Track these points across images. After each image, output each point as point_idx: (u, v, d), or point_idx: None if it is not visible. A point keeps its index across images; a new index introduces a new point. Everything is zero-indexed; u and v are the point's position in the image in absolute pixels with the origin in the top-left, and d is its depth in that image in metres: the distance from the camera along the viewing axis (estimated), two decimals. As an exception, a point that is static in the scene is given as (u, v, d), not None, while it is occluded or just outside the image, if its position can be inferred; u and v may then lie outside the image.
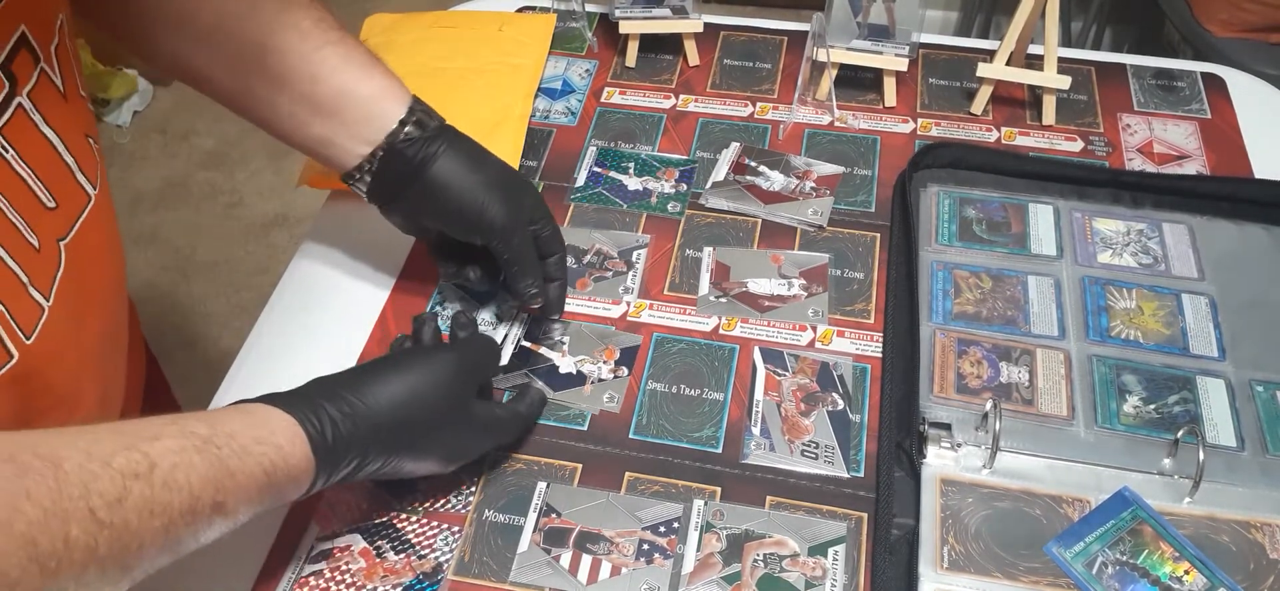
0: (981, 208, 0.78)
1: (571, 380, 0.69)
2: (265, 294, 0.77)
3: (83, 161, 0.55)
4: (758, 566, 0.58)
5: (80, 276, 0.55)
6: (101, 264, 0.59)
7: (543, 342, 0.71)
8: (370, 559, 0.59)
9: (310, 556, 0.60)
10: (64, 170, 0.54)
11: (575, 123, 0.89)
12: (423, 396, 0.56)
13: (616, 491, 0.63)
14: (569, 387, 0.68)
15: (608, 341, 0.71)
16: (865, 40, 0.87)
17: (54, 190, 0.53)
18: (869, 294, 0.74)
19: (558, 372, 0.69)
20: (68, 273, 0.54)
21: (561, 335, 0.72)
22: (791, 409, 0.67)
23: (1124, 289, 0.72)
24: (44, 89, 0.52)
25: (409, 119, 0.65)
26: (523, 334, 0.71)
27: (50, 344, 0.53)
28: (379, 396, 0.54)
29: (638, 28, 0.92)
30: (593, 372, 0.69)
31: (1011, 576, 0.57)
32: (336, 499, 0.62)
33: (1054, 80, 0.85)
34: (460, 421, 0.58)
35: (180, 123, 2.30)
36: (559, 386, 0.68)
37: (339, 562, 0.59)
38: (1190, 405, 0.65)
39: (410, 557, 0.59)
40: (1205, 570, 0.57)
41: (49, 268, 0.53)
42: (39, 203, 0.52)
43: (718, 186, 0.82)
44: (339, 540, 0.60)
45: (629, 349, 0.71)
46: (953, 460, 0.63)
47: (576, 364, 0.70)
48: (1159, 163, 0.83)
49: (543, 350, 0.71)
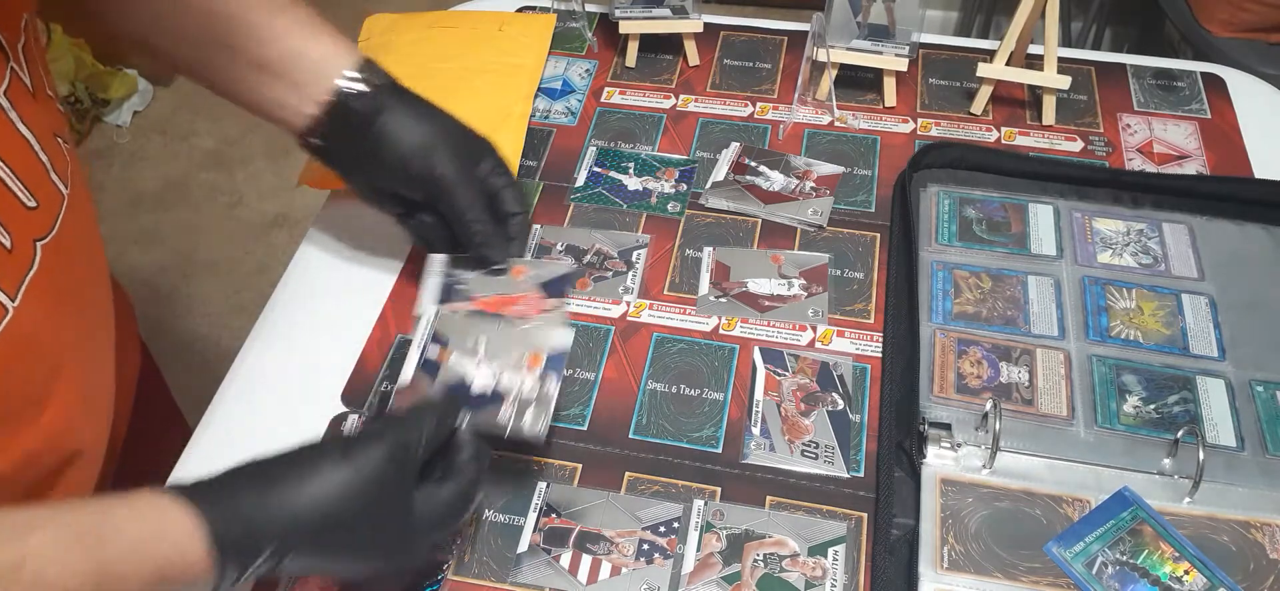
0: (981, 208, 0.78)
1: (486, 399, 0.58)
2: (265, 294, 0.77)
3: (55, 161, 0.55)
4: (758, 566, 0.59)
5: (54, 277, 0.55)
6: (79, 265, 0.59)
7: (453, 347, 0.61)
8: (370, 559, 0.59)
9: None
10: (40, 169, 0.54)
11: (575, 123, 0.89)
12: (350, 483, 0.49)
13: (616, 491, 0.63)
14: (484, 409, 0.58)
15: (531, 345, 0.61)
16: (865, 40, 0.87)
17: (33, 190, 0.53)
18: (869, 294, 0.74)
19: (470, 388, 0.59)
20: (41, 273, 0.53)
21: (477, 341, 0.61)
22: (791, 409, 0.67)
23: (1124, 289, 0.72)
24: (16, 87, 0.52)
25: (357, 74, 0.66)
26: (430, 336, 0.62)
27: (14, 345, 0.52)
28: (300, 483, 0.49)
29: (638, 28, 0.92)
30: (512, 386, 0.59)
31: (1011, 576, 0.57)
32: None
33: (1054, 80, 0.85)
34: (398, 511, 0.51)
35: (180, 123, 2.30)
36: (471, 406, 0.58)
37: (339, 562, 0.59)
38: (1190, 405, 0.65)
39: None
40: (1205, 570, 0.57)
41: (19, 268, 0.52)
42: (18, 202, 0.52)
43: (718, 186, 0.82)
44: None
45: (557, 355, 0.61)
46: (953, 460, 0.63)
47: (494, 375, 0.60)
48: (1159, 163, 0.83)
49: (453, 358, 0.60)
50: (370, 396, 0.68)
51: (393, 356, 0.71)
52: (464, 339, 0.62)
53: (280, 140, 0.85)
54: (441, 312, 0.64)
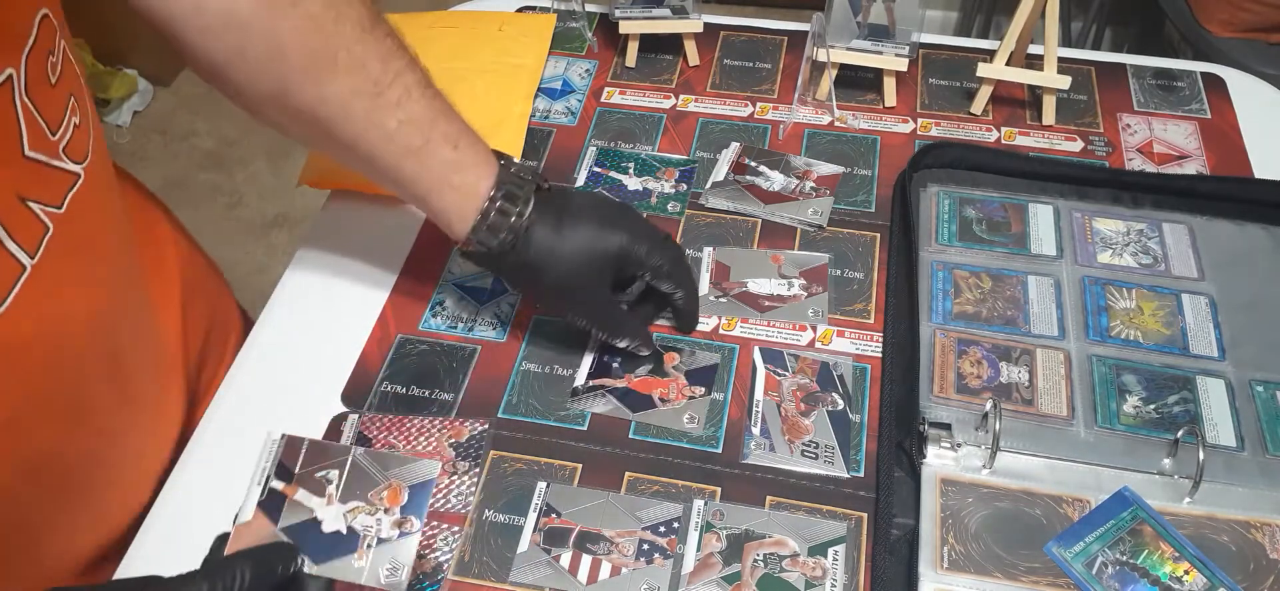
0: (981, 208, 0.78)
1: (339, 542, 0.51)
2: (265, 294, 0.77)
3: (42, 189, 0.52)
4: (758, 566, 0.58)
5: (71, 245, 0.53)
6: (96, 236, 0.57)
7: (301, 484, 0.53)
8: (370, 559, 0.59)
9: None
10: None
11: (575, 123, 0.89)
12: None
13: (616, 491, 0.63)
14: (336, 556, 0.51)
15: (392, 474, 0.54)
16: (865, 40, 0.87)
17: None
18: (869, 294, 0.74)
19: (320, 529, 0.52)
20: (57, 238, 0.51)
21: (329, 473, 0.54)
22: (791, 409, 0.67)
23: (1124, 289, 0.72)
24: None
25: (471, 240, 0.63)
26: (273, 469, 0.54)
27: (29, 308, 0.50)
28: None
29: (638, 28, 0.92)
30: (370, 529, 0.52)
31: (1011, 576, 0.57)
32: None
33: (1054, 80, 0.85)
34: None
35: (180, 123, 2.30)
36: (321, 551, 0.51)
37: (339, 562, 0.59)
38: (1190, 405, 0.65)
39: (410, 557, 0.59)
40: (1205, 570, 0.57)
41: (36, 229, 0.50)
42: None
43: (718, 186, 0.82)
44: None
45: (421, 485, 0.54)
46: (953, 460, 0.63)
47: (346, 516, 0.52)
48: (1159, 163, 0.83)
49: (299, 494, 0.53)
50: (370, 396, 0.68)
51: (392, 356, 0.71)
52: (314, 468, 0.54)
53: (280, 140, 0.84)
54: (284, 440, 0.55)
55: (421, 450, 0.65)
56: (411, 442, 0.65)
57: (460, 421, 0.67)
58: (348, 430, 0.66)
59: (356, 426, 0.66)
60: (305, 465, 0.54)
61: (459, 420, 0.67)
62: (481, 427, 0.66)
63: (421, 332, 0.72)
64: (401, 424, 0.66)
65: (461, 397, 0.68)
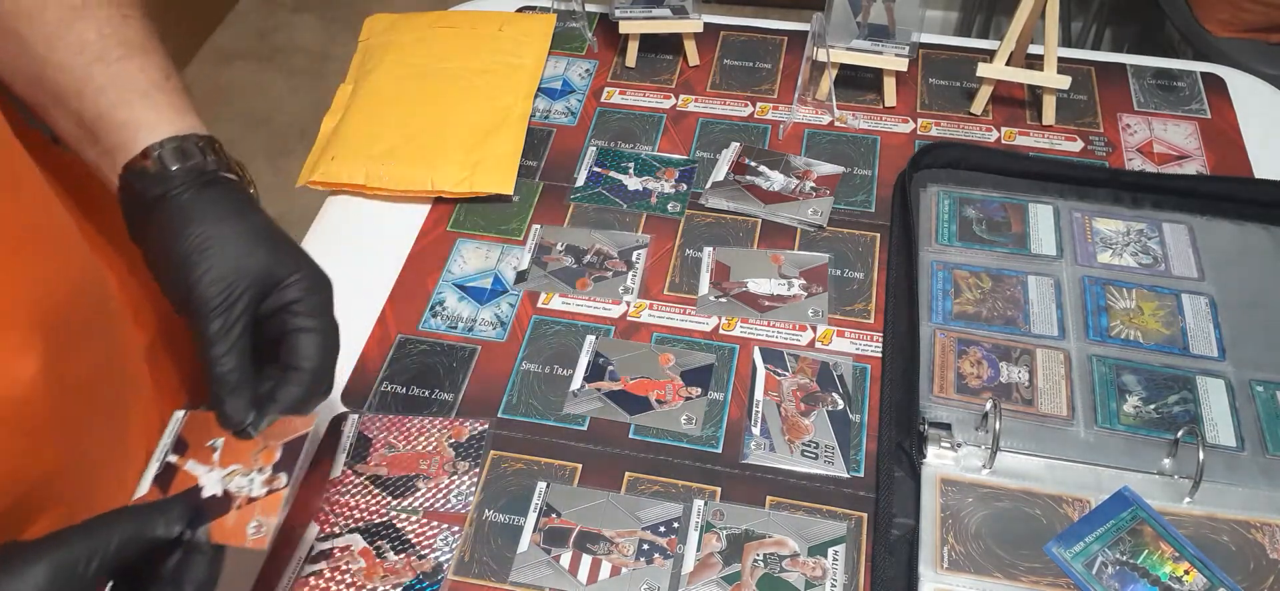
0: (981, 208, 0.78)
1: (214, 505, 0.50)
2: (265, 294, 0.77)
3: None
4: (758, 566, 0.59)
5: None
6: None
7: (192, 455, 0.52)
8: (370, 559, 0.59)
9: (310, 556, 0.60)
10: None
11: (575, 123, 0.89)
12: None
13: (616, 491, 0.63)
14: (211, 519, 0.49)
15: (269, 440, 0.52)
16: (865, 40, 0.87)
17: None
18: (869, 294, 0.74)
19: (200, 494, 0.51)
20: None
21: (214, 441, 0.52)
22: (791, 409, 0.67)
23: (1124, 289, 0.72)
24: None
25: (153, 152, 0.53)
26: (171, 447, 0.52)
27: None
28: None
29: (638, 28, 0.92)
30: (243, 488, 0.50)
31: (1011, 576, 0.57)
32: (336, 500, 0.62)
33: (1054, 80, 0.85)
34: None
35: (180, 123, 2.30)
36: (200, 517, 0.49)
37: (339, 562, 0.59)
38: (1190, 405, 0.65)
39: (410, 557, 0.59)
40: (1205, 570, 0.57)
41: None
42: None
43: (718, 186, 0.82)
44: (339, 540, 0.60)
45: (294, 441, 0.52)
46: (953, 460, 0.63)
47: (223, 479, 0.51)
48: (1159, 163, 0.83)
49: (189, 465, 0.52)
50: (370, 396, 0.68)
51: (392, 356, 0.71)
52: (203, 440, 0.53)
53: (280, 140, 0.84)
54: (186, 415, 0.54)
55: (421, 450, 0.65)
56: (411, 442, 0.65)
57: (460, 421, 0.67)
58: (348, 430, 0.66)
59: (356, 426, 0.66)
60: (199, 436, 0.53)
61: (459, 420, 0.67)
62: (481, 427, 0.66)
63: (421, 333, 0.72)
64: (401, 424, 0.66)
65: (461, 397, 0.68)
